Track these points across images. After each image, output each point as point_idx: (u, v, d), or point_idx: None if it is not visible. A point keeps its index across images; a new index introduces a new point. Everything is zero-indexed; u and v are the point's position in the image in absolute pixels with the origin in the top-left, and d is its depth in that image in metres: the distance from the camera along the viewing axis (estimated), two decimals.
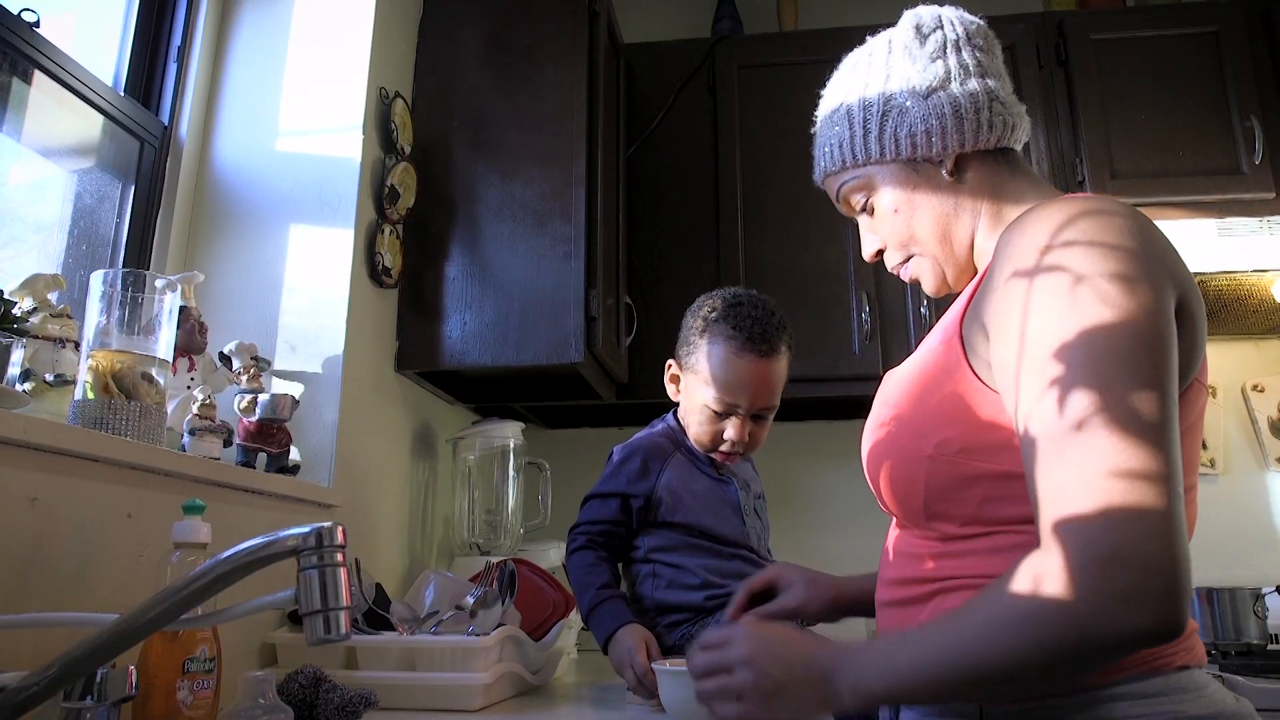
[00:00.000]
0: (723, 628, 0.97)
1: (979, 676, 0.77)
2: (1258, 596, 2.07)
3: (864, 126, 1.02)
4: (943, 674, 0.78)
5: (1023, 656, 0.74)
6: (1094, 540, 0.72)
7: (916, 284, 1.08)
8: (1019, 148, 1.04)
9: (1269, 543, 2.42)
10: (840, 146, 1.05)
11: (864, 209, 1.07)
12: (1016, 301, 0.84)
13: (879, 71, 1.03)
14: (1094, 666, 0.78)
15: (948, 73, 1.00)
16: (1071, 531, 0.73)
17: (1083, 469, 0.74)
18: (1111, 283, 0.79)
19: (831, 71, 1.13)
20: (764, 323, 1.48)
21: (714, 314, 1.51)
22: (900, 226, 1.03)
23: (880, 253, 1.09)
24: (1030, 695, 0.83)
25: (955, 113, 0.98)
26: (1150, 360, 0.76)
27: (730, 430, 1.50)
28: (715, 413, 1.50)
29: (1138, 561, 0.70)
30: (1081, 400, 0.76)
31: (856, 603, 1.30)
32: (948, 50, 1.01)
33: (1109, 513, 0.72)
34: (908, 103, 1.00)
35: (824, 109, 1.10)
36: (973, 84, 1.00)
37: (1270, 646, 2.08)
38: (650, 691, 1.29)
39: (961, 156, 1.00)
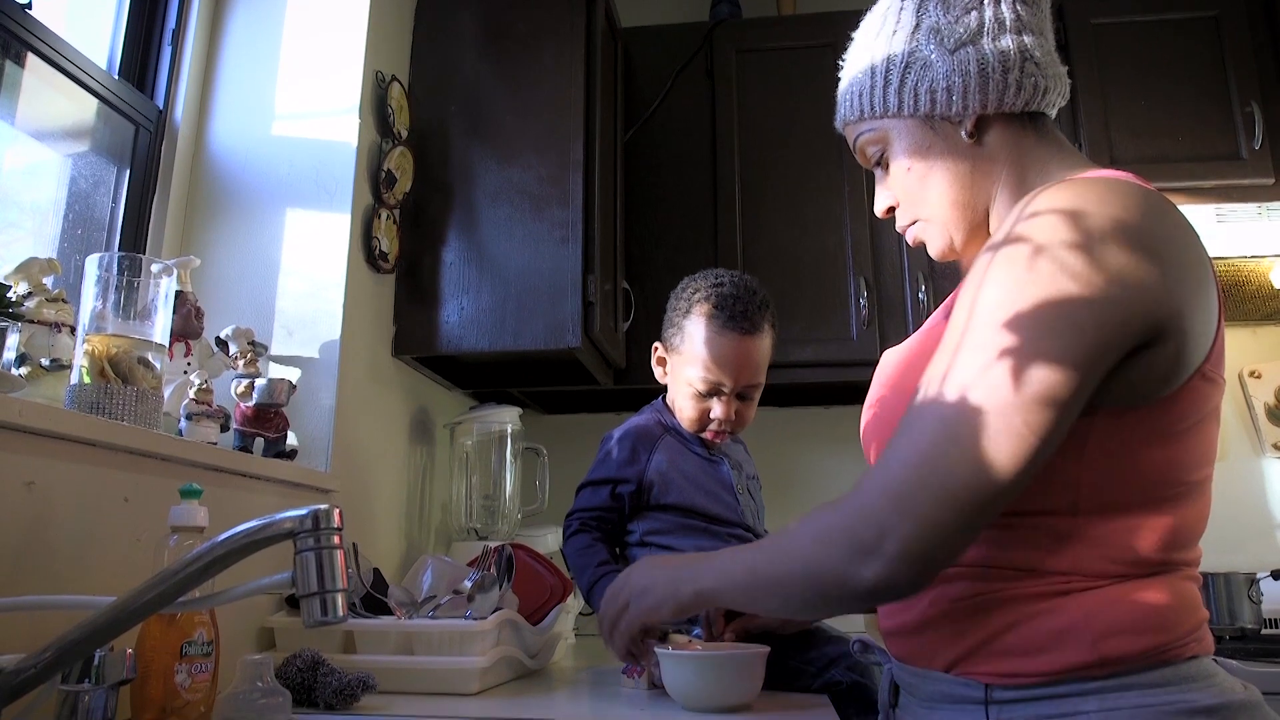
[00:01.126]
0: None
1: (770, 595, 0.89)
2: (1252, 581, 2.08)
3: (885, 77, 0.97)
4: (748, 585, 0.91)
5: (793, 589, 0.86)
6: (871, 493, 0.80)
7: (921, 246, 1.03)
8: (1053, 112, 0.98)
9: (1264, 528, 2.43)
10: (860, 95, 1.00)
11: (878, 163, 1.03)
12: (978, 273, 0.84)
13: (909, 19, 0.97)
14: (841, 609, 0.87)
15: (981, 26, 0.94)
16: (870, 477, 0.81)
17: (921, 424, 0.79)
18: (1066, 262, 0.78)
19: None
20: (745, 301, 1.49)
21: (697, 294, 1.53)
22: (912, 185, 0.99)
23: (892, 209, 1.05)
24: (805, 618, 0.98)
25: (981, 70, 0.93)
26: (1063, 349, 0.76)
27: (717, 409, 1.52)
28: (700, 392, 1.51)
29: (881, 522, 0.77)
30: (943, 363, 0.81)
31: None
32: (985, 1, 0.95)
33: (902, 474, 0.78)
34: (933, 56, 0.94)
35: (851, 53, 1.05)
36: (1006, 40, 0.93)
37: (1265, 631, 2.08)
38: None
39: (983, 118, 0.95)
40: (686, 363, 1.52)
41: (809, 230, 2.34)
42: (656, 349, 1.62)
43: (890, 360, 1.02)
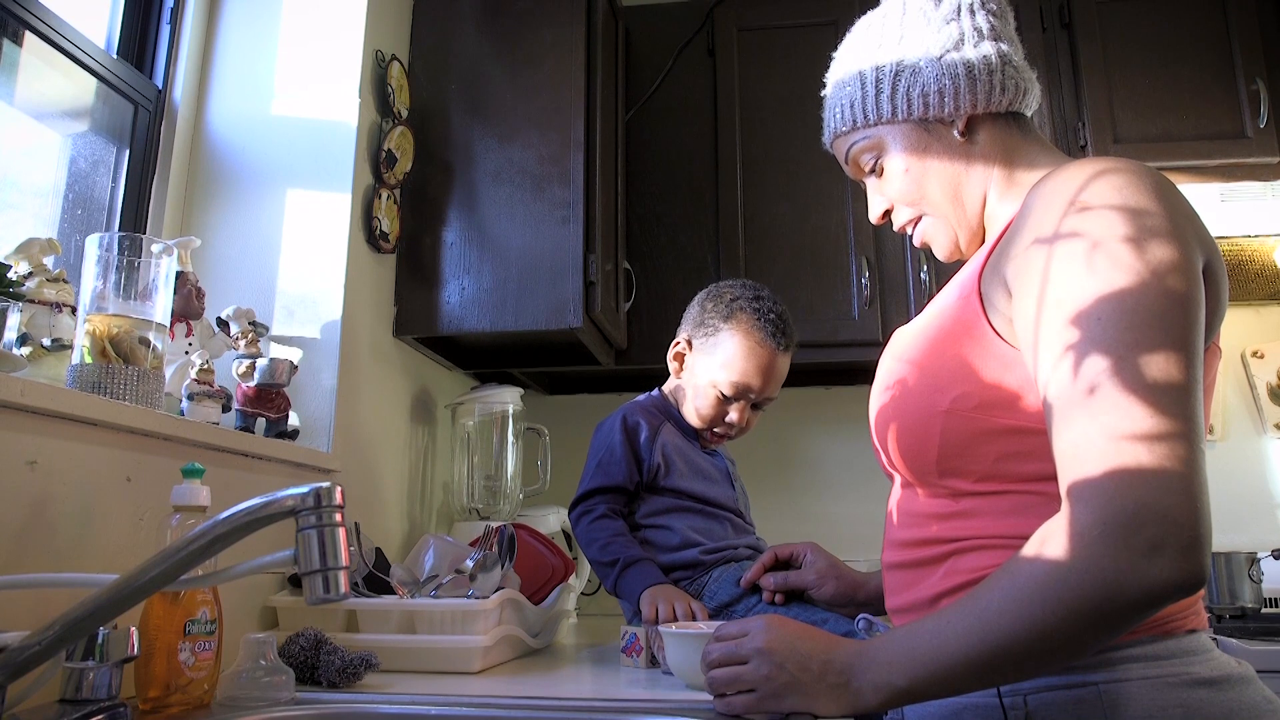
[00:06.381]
0: (742, 620, 0.95)
1: (1008, 655, 0.75)
2: (1253, 561, 2.08)
3: (875, 86, 1.02)
4: (970, 657, 0.76)
5: (1050, 624, 0.73)
6: (1115, 496, 0.72)
7: (927, 248, 1.07)
8: (1030, 114, 1.04)
9: (1265, 508, 2.43)
10: (851, 106, 1.05)
11: (873, 170, 1.07)
12: (1040, 262, 0.84)
13: (893, 32, 1.03)
14: (1122, 626, 0.75)
15: (961, 35, 1.00)
16: (1093, 490, 0.73)
17: (1104, 428, 0.74)
18: (1137, 243, 0.80)
19: (838, 33, 1.13)
20: (784, 318, 1.56)
21: (738, 302, 1.56)
22: (910, 187, 1.03)
23: (888, 213, 1.09)
24: (1058, 669, 0.82)
25: (969, 73, 0.99)
26: (1174, 319, 0.77)
27: (733, 414, 1.55)
28: (725, 395, 1.54)
29: (1160, 515, 0.70)
30: (1102, 360, 0.76)
31: (875, 599, 1.31)
32: (962, 13, 1.01)
33: (1131, 469, 0.72)
34: (921, 63, 1.00)
35: (835, 70, 1.10)
36: (986, 46, 1.00)
37: (1265, 610, 2.09)
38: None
39: (973, 118, 1.00)
40: (718, 365, 1.54)
41: (811, 209, 2.33)
42: (677, 344, 1.63)
43: (906, 337, 1.03)
